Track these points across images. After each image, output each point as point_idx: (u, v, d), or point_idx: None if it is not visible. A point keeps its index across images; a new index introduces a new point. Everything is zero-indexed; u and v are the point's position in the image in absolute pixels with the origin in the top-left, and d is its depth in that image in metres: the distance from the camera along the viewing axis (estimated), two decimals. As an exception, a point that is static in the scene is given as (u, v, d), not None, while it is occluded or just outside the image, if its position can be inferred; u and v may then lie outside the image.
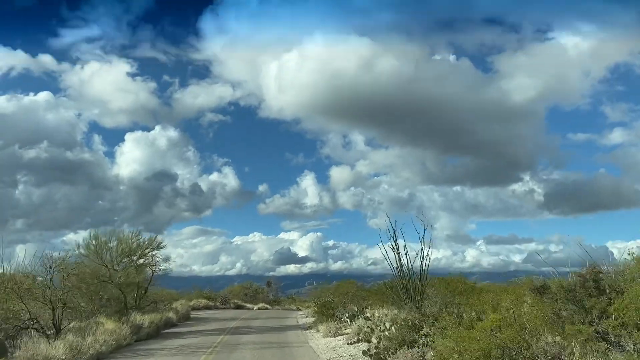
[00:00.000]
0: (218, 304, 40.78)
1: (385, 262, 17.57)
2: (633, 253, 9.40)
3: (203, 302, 38.08)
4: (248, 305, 43.20)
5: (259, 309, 41.85)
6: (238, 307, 41.94)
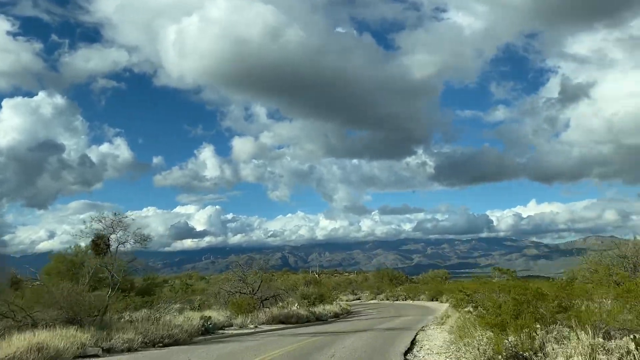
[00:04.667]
0: None
1: (285, 234, 16.39)
2: None
3: None
4: None
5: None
6: None
